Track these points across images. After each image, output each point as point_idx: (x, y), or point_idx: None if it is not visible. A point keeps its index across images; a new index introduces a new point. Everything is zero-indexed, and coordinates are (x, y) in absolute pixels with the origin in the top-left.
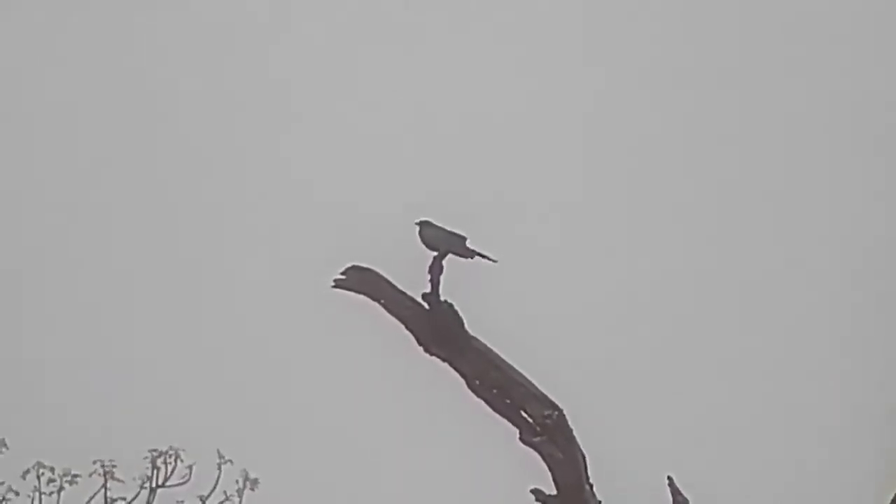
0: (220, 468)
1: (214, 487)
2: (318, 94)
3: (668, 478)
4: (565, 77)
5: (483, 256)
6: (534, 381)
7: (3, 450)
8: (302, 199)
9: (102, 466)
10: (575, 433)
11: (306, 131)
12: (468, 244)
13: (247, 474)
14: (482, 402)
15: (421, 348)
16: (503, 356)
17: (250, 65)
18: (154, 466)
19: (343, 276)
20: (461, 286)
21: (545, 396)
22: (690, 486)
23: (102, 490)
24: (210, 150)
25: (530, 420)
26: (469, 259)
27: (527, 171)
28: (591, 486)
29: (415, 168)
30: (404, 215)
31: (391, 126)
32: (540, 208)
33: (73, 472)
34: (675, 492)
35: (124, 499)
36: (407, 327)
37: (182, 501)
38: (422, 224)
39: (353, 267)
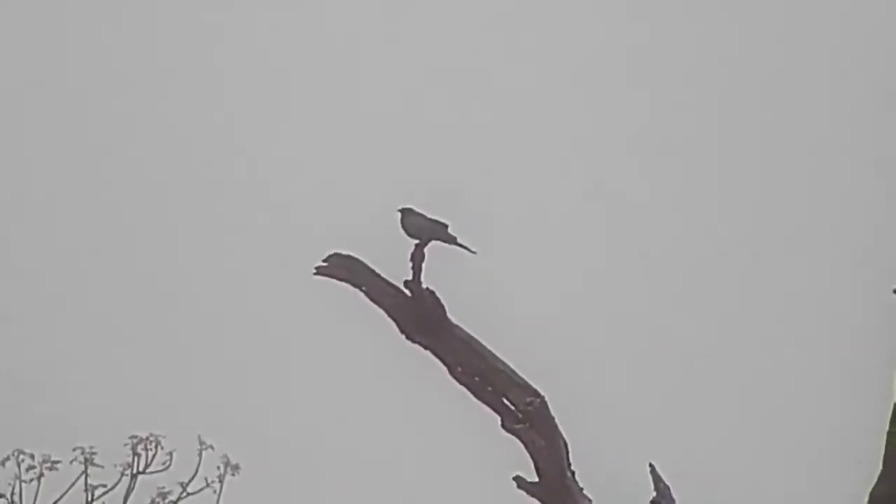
0: (200, 454)
1: (195, 474)
2: (302, 81)
3: (650, 465)
4: (550, 66)
5: (462, 247)
6: (515, 369)
7: None
8: (284, 187)
9: (83, 453)
10: (557, 420)
11: (290, 120)
12: (450, 232)
13: (228, 460)
14: (464, 390)
15: (403, 335)
16: (485, 343)
17: (235, 54)
18: (135, 453)
19: (325, 264)
20: (443, 274)
21: (527, 384)
22: (672, 473)
23: (83, 477)
24: (195, 139)
25: (512, 407)
26: (451, 245)
27: (509, 159)
28: (573, 472)
29: (397, 156)
30: (386, 203)
31: (374, 115)
32: (522, 195)
33: (52, 459)
34: (657, 479)
35: (105, 485)
36: (389, 314)
37: (163, 488)
38: (404, 212)
39: (335, 254)
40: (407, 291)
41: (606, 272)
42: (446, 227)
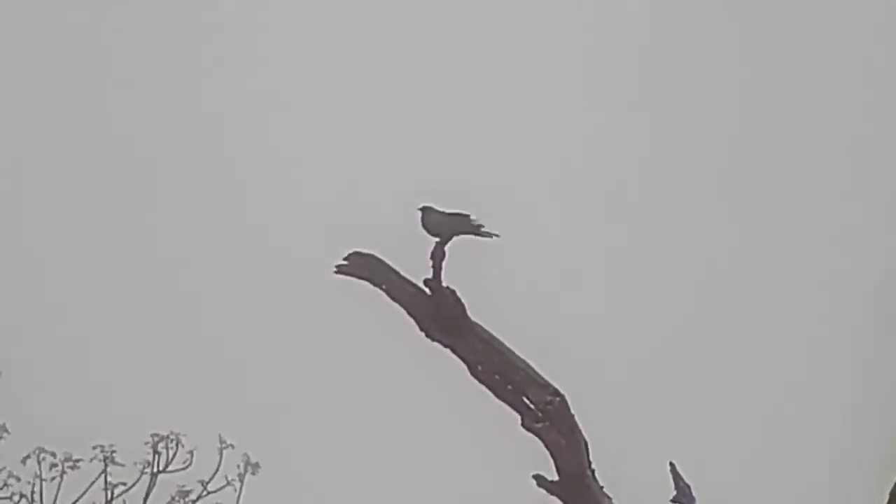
0: (221, 453)
1: (216, 472)
2: (318, 79)
3: (670, 463)
4: (564, 61)
5: (487, 234)
6: (535, 367)
7: (4, 435)
8: (304, 185)
9: (102, 451)
10: (577, 419)
11: (310, 118)
12: (472, 221)
13: (248, 459)
14: (484, 388)
15: (423, 334)
16: (505, 342)
17: (247, 52)
18: (155, 451)
19: (345, 262)
20: (463, 272)
21: (547, 382)
22: (692, 471)
23: (103, 475)
24: (215, 139)
25: (532, 406)
26: (475, 235)
27: (528, 155)
28: (593, 471)
29: (418, 155)
30: (406, 201)
31: (393, 111)
32: (541, 193)
33: (74, 458)
34: (677, 477)
35: (125, 484)
36: (409, 313)
37: (183, 486)
38: (424, 210)
39: (355, 253)
40: (427, 290)
41: (627, 271)
42: (468, 217)
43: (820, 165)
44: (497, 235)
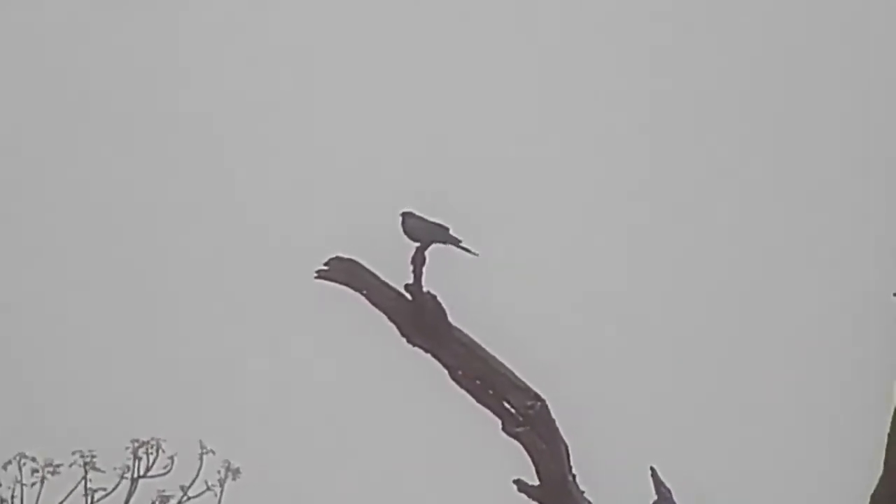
0: (201, 458)
1: (196, 478)
2: (304, 84)
3: (651, 468)
4: (551, 69)
5: (464, 249)
6: (516, 372)
7: None
8: (285, 191)
9: (83, 457)
10: (557, 423)
11: (292, 123)
12: (451, 234)
13: (229, 464)
14: (465, 393)
15: (404, 339)
16: (485, 347)
17: (237, 57)
18: (135, 457)
19: (326, 267)
20: (444, 277)
21: (527, 387)
22: (673, 476)
23: (83, 481)
24: (198, 143)
25: (513, 410)
26: (452, 246)
27: (509, 163)
28: (574, 476)
29: (398, 160)
30: (387, 206)
31: (375, 119)
32: (522, 200)
33: (54, 463)
34: (658, 482)
35: (105, 489)
36: (390, 318)
37: (163, 492)
38: (405, 215)
39: (336, 258)
40: (408, 295)
41: (607, 275)
42: (447, 229)
43: (820, 166)
44: (475, 253)
